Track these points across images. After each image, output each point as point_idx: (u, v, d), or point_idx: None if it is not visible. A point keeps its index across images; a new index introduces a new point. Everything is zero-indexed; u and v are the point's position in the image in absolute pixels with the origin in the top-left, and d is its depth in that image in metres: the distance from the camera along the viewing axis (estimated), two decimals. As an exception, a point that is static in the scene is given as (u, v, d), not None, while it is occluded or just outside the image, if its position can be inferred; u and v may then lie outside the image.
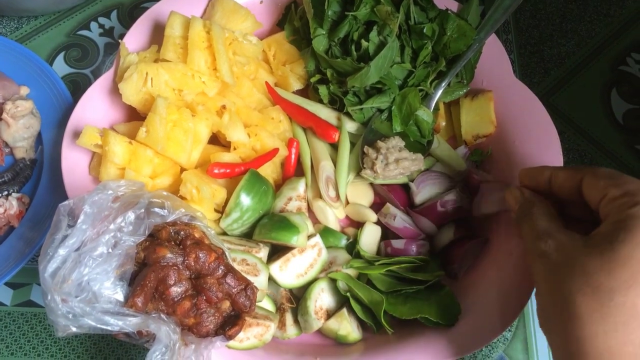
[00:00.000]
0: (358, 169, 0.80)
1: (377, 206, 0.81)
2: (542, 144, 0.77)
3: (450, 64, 0.82)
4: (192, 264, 0.62)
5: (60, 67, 0.96)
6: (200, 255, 0.62)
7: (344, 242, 0.78)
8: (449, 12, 0.81)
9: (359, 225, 0.80)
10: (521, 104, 0.80)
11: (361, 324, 0.73)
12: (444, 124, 0.84)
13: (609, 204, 0.55)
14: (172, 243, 0.62)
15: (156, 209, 0.62)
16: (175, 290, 0.60)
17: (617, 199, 0.54)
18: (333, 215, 0.79)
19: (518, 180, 0.68)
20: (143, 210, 0.61)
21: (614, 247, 0.51)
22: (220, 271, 0.62)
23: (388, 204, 0.78)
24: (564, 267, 0.53)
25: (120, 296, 0.59)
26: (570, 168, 0.62)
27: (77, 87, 0.94)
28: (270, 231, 0.71)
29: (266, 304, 0.71)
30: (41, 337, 0.78)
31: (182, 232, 0.63)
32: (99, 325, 0.56)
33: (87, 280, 0.57)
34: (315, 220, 0.80)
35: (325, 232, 0.77)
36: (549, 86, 0.96)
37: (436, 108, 0.82)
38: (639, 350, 0.49)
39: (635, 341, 0.49)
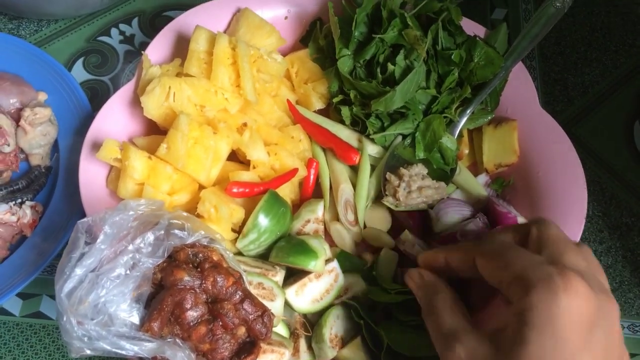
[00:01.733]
0: (377, 193, 0.79)
1: (394, 231, 0.80)
2: (566, 177, 0.76)
3: (475, 91, 0.81)
4: (210, 287, 0.60)
5: (79, 73, 0.95)
6: (218, 279, 0.61)
7: (360, 267, 0.76)
8: (477, 38, 0.80)
9: (375, 250, 0.78)
10: (546, 135, 0.79)
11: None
12: (467, 151, 0.83)
13: (506, 289, 0.52)
14: (190, 265, 0.61)
15: (176, 231, 0.61)
16: (192, 314, 0.59)
17: (511, 286, 0.51)
18: (350, 239, 0.78)
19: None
20: (163, 231, 0.60)
21: (522, 349, 0.47)
22: (238, 296, 0.61)
23: (407, 230, 0.77)
24: None
25: (136, 319, 0.58)
26: (461, 249, 0.60)
27: (95, 94, 0.93)
28: (288, 255, 0.70)
29: (281, 329, 0.70)
30: (49, 350, 0.77)
31: (200, 255, 0.62)
32: (114, 350, 0.55)
33: (103, 302, 0.56)
34: (332, 243, 0.78)
35: (342, 256, 0.76)
36: (571, 115, 0.95)
37: (460, 135, 0.81)
38: None
39: None
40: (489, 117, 0.82)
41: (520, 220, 0.75)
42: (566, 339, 0.46)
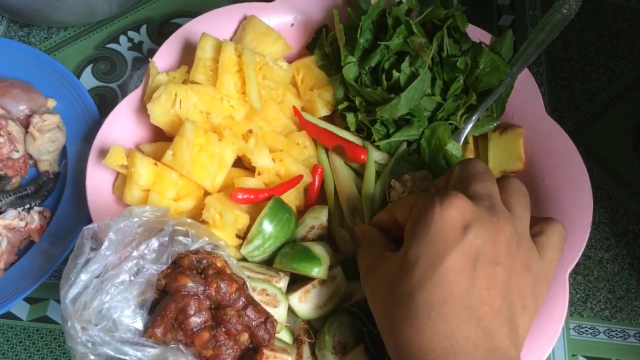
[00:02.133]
0: (382, 199, 0.79)
1: (398, 238, 0.80)
2: (572, 184, 0.76)
3: (481, 98, 0.81)
4: (213, 294, 0.61)
5: (88, 80, 0.96)
6: (221, 285, 0.61)
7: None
8: (483, 45, 0.80)
9: (380, 257, 0.78)
10: (552, 142, 0.79)
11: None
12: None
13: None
14: (194, 272, 0.61)
15: (180, 237, 0.61)
16: (195, 320, 0.59)
17: (405, 218, 0.60)
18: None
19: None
20: (167, 238, 0.61)
21: (402, 254, 0.56)
22: (241, 303, 0.62)
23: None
24: (381, 282, 0.59)
25: (139, 324, 0.58)
26: (385, 210, 0.69)
27: (104, 100, 0.94)
28: (292, 261, 0.70)
29: (284, 335, 0.70)
30: (56, 354, 0.78)
31: (204, 261, 0.62)
32: (117, 355, 0.55)
33: (107, 308, 0.56)
34: (336, 250, 0.79)
35: (346, 263, 0.76)
36: (578, 122, 0.95)
37: (465, 142, 0.81)
38: (443, 343, 0.51)
39: (438, 333, 0.51)
40: (495, 124, 0.82)
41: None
42: (437, 242, 0.53)
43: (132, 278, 0.58)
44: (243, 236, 0.74)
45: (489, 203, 0.57)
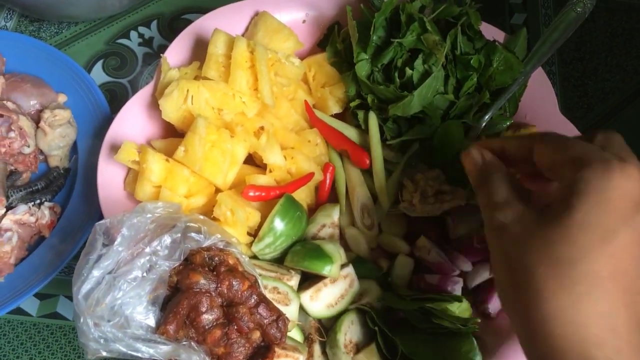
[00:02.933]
0: (394, 198, 0.78)
1: (410, 237, 0.79)
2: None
3: (494, 97, 0.80)
4: (225, 291, 0.61)
5: (98, 75, 0.96)
6: (233, 282, 0.61)
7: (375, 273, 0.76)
8: (497, 43, 0.79)
9: (391, 256, 0.78)
10: (566, 142, 0.78)
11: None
12: (485, 157, 0.82)
13: (559, 170, 0.52)
14: (206, 269, 0.61)
15: (192, 234, 0.61)
16: (207, 317, 0.59)
17: (565, 165, 0.51)
18: (366, 244, 0.77)
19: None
20: (179, 234, 0.60)
21: (568, 215, 0.48)
22: (253, 300, 0.61)
23: (423, 236, 0.77)
24: (523, 240, 0.51)
25: (151, 321, 0.58)
26: (521, 137, 0.59)
27: (114, 96, 0.94)
28: (303, 259, 0.70)
29: (295, 333, 0.70)
30: (65, 350, 0.77)
31: (216, 258, 0.62)
32: (129, 352, 0.55)
33: (120, 304, 0.56)
34: (347, 248, 0.78)
35: (357, 262, 0.76)
36: (590, 122, 0.94)
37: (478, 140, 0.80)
38: (601, 321, 0.46)
39: (599, 310, 0.47)
40: (508, 123, 0.81)
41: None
42: (612, 211, 0.47)
43: (145, 274, 0.58)
44: (254, 234, 0.74)
45: None
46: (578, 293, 0.47)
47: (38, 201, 0.81)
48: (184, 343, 0.57)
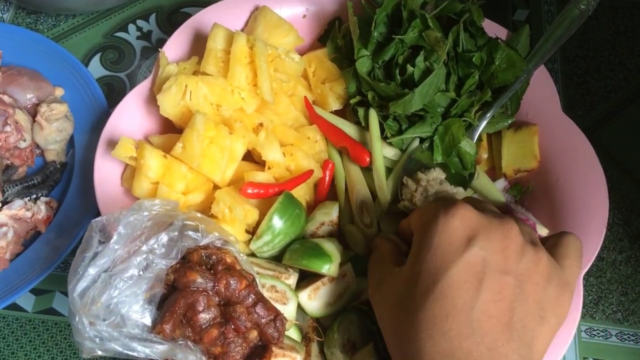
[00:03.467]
0: (394, 196, 0.77)
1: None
2: (587, 184, 0.74)
3: (496, 94, 0.79)
4: (222, 290, 0.60)
5: (96, 68, 0.95)
6: (231, 281, 0.60)
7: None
8: (499, 40, 0.79)
9: (390, 254, 0.77)
10: (568, 141, 0.77)
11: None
12: (485, 156, 0.81)
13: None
14: (203, 267, 0.61)
15: (190, 232, 0.60)
16: (204, 317, 0.59)
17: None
18: (365, 243, 0.77)
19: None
20: (177, 232, 0.60)
21: (411, 266, 0.54)
22: (251, 299, 0.61)
23: (423, 235, 0.76)
24: (386, 301, 0.58)
25: (147, 320, 0.57)
26: (407, 219, 0.66)
27: (112, 90, 0.93)
28: (302, 258, 0.69)
29: (292, 333, 0.69)
30: (61, 346, 0.77)
31: (213, 257, 0.61)
32: (125, 351, 0.54)
33: (115, 303, 0.55)
34: (346, 247, 0.77)
35: (356, 260, 0.75)
36: (593, 120, 0.93)
37: (479, 139, 0.79)
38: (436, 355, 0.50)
39: (439, 350, 0.50)
40: (509, 121, 0.81)
41: (540, 227, 0.73)
42: (440, 255, 0.52)
43: (141, 273, 0.57)
44: (252, 231, 0.73)
45: (493, 210, 0.56)
46: (422, 340, 0.51)
47: (34, 196, 0.80)
48: (181, 342, 0.57)
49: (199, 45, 0.82)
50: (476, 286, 0.51)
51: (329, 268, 0.68)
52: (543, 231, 0.74)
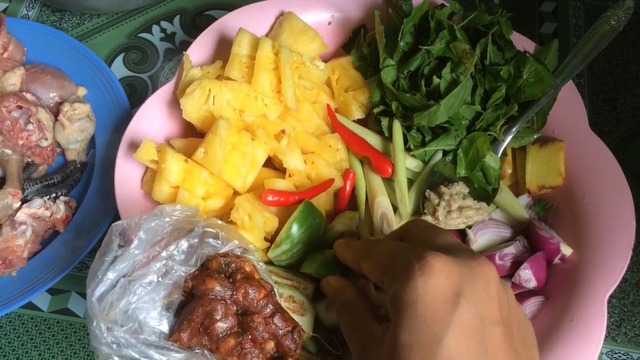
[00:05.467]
0: (415, 209, 0.76)
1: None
2: (614, 204, 0.73)
3: (522, 109, 0.78)
4: (241, 299, 0.59)
5: (119, 69, 0.95)
6: (249, 291, 0.59)
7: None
8: (527, 54, 0.77)
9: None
10: (594, 159, 0.76)
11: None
12: (509, 171, 0.80)
13: (382, 284, 0.51)
14: (222, 275, 0.60)
15: (210, 239, 0.60)
16: (221, 325, 0.58)
17: (382, 278, 0.51)
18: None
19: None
20: (197, 239, 0.59)
21: (395, 337, 0.47)
22: (269, 310, 0.60)
23: (443, 249, 0.75)
24: None
25: (165, 327, 0.57)
26: (353, 251, 0.60)
27: (134, 91, 0.93)
28: (320, 268, 0.68)
29: (309, 344, 0.68)
30: (75, 347, 0.77)
31: (232, 265, 0.60)
32: (141, 358, 0.53)
33: (134, 309, 0.55)
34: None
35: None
36: (619, 138, 0.92)
37: (503, 154, 0.78)
38: None
39: None
40: (535, 137, 0.79)
41: (564, 246, 0.72)
42: (430, 319, 0.46)
43: (160, 279, 0.57)
44: (271, 239, 0.72)
45: (462, 248, 0.51)
46: None
47: (54, 195, 0.80)
48: (197, 351, 0.56)
49: (223, 49, 0.81)
50: (478, 349, 0.45)
51: None
52: (567, 250, 0.72)
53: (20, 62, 0.87)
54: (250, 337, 0.58)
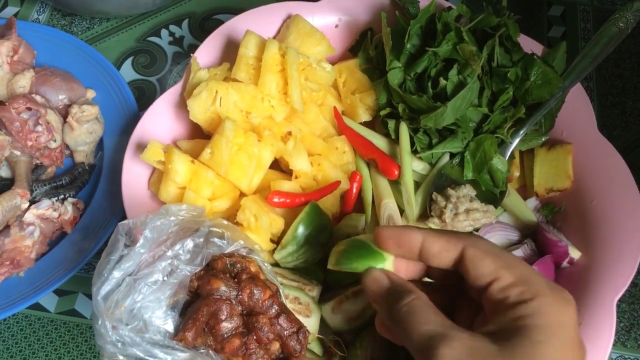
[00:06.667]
0: (422, 211, 0.76)
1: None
2: (623, 207, 0.72)
3: (530, 111, 0.78)
4: (246, 299, 0.59)
5: (128, 72, 0.95)
6: (255, 291, 0.59)
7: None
8: (535, 56, 0.77)
9: (416, 270, 0.76)
10: (603, 162, 0.75)
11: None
12: (517, 174, 0.79)
13: (501, 293, 0.46)
14: (227, 275, 0.60)
15: (215, 239, 0.60)
16: (226, 326, 0.58)
17: (511, 288, 0.46)
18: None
19: (379, 241, 0.53)
20: (202, 239, 0.59)
21: (540, 352, 0.43)
22: (274, 310, 0.60)
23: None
24: None
25: (170, 326, 0.57)
26: (446, 236, 0.50)
27: (143, 94, 0.94)
28: (350, 260, 0.63)
29: (314, 346, 0.68)
30: (81, 348, 0.77)
31: (238, 265, 0.60)
32: (146, 357, 0.53)
33: (139, 308, 0.55)
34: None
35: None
36: (628, 141, 0.91)
37: (511, 157, 0.78)
38: None
39: None
40: (543, 139, 0.79)
41: (572, 250, 0.71)
42: (572, 345, 0.45)
43: (165, 278, 0.57)
44: (277, 240, 0.72)
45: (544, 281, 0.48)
46: None
47: (62, 196, 0.80)
48: (202, 351, 0.56)
49: (230, 51, 0.82)
50: None
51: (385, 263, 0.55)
52: (575, 253, 0.72)
53: (30, 65, 0.88)
54: (255, 337, 0.58)
